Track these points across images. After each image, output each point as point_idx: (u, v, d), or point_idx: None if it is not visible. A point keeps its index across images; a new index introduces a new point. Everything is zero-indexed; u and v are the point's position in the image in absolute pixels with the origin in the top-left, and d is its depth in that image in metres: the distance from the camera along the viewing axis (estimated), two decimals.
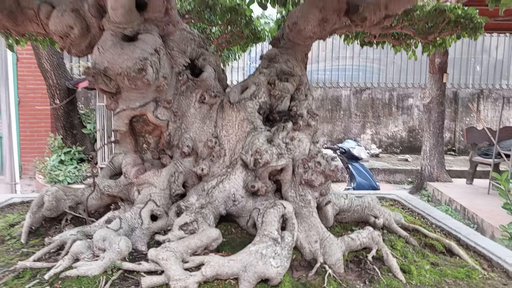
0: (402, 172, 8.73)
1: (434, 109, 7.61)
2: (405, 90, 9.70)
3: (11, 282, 1.20)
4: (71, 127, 7.56)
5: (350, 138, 9.67)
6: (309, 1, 1.58)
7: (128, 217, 1.36)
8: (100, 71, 1.36)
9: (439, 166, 7.79)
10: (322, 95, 9.63)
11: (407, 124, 9.75)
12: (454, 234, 1.60)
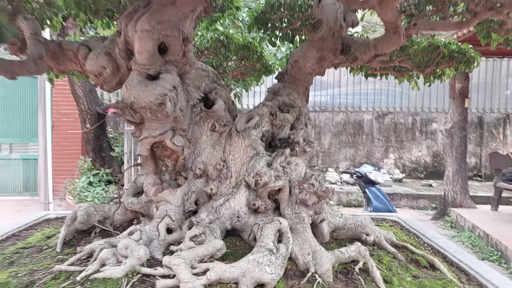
0: (425, 198, 8.70)
1: (456, 134, 7.65)
2: (429, 114, 9.75)
3: (49, 282, 1.46)
4: (100, 150, 7.98)
5: (373, 162, 9.74)
6: (308, 42, 1.83)
7: (147, 230, 1.60)
8: (127, 105, 1.63)
9: (463, 191, 7.76)
10: (344, 119, 9.79)
11: (431, 149, 9.75)
12: (442, 252, 1.76)
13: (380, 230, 1.77)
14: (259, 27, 2.27)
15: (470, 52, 2.23)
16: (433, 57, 2.20)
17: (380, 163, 9.80)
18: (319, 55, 1.80)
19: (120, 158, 8.10)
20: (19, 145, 9.05)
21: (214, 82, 1.90)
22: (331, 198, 1.79)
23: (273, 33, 2.29)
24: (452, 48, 2.20)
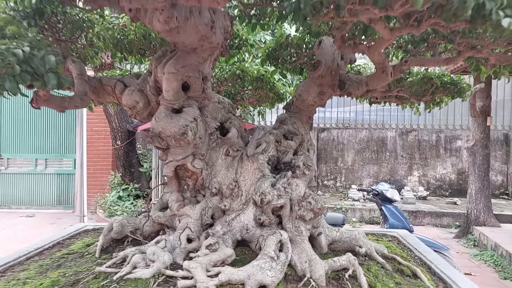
0: (449, 216, 8.76)
1: (479, 152, 7.74)
2: (453, 131, 9.83)
3: (91, 281, 1.81)
4: (130, 165, 8.48)
5: (397, 179, 9.85)
6: (310, 78, 2.15)
7: (171, 239, 1.94)
8: (156, 134, 1.99)
9: (486, 210, 7.81)
10: (368, 136, 9.97)
11: (456, 166, 9.81)
12: (429, 263, 2.02)
13: (371, 243, 2.05)
14: (271, 61, 2.62)
15: (462, 83, 2.49)
16: (427, 88, 2.48)
17: (404, 180, 9.92)
18: (319, 90, 2.12)
19: (148, 174, 8.57)
20: (53, 161, 9.68)
21: (229, 113, 2.25)
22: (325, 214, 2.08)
23: (283, 67, 2.64)
24: (445, 79, 2.47)
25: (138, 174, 8.46)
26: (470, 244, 7.44)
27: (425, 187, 9.69)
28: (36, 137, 9.52)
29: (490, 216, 7.60)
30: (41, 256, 2.23)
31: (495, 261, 6.49)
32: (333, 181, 9.75)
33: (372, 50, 1.90)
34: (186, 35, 1.85)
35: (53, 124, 9.54)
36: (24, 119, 9.52)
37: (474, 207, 7.67)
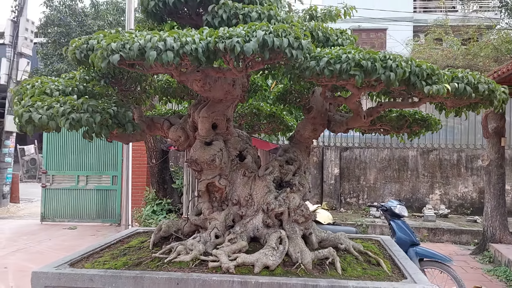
0: (468, 233, 9.30)
1: (494, 172, 8.34)
2: (474, 151, 10.39)
3: (150, 262, 2.71)
4: (163, 182, 9.50)
5: (419, 197, 10.45)
6: (305, 118, 3.03)
7: (204, 236, 2.83)
8: (194, 160, 2.91)
9: (502, 227, 8.35)
10: (389, 156, 10.66)
11: (477, 185, 10.33)
12: (393, 258, 2.82)
13: (350, 241, 2.87)
14: (280, 102, 3.52)
15: (430, 120, 3.29)
16: (403, 123, 3.29)
17: (425, 199, 10.51)
18: (313, 127, 2.99)
19: (180, 190, 9.56)
20: (93, 177, 10.85)
21: (246, 143, 3.15)
22: (313, 219, 2.87)
23: (290, 106, 3.53)
24: (416, 116, 3.28)
25: (170, 190, 9.48)
26: (486, 261, 8.00)
27: (446, 205, 10.25)
28: (78, 156, 10.73)
29: (506, 234, 8.13)
30: (110, 248, 3.17)
31: (507, 276, 7.06)
32: (355, 199, 10.47)
33: (348, 101, 2.77)
34: (215, 92, 2.77)
35: (93, 144, 10.73)
36: (67, 140, 10.77)
37: (490, 225, 8.23)
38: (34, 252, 8.60)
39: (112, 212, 10.67)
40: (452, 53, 12.76)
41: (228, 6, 2.54)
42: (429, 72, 2.32)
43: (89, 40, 2.41)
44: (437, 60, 12.79)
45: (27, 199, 14.16)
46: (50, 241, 9.45)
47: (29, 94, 2.63)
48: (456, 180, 10.31)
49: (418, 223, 9.33)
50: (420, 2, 20.10)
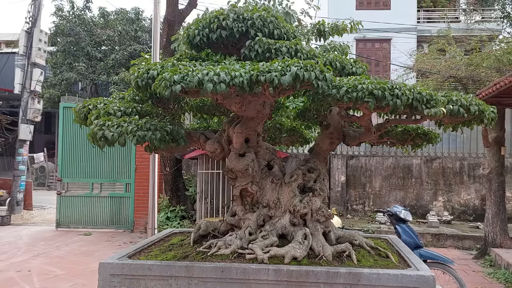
0: (471, 239, 9.88)
1: (494, 179, 8.95)
2: (476, 159, 10.99)
3: (195, 255, 3.31)
4: (177, 189, 10.11)
5: (422, 204, 11.03)
6: (323, 133, 3.64)
7: (239, 233, 3.43)
8: (230, 169, 3.52)
9: (502, 233, 8.94)
10: (394, 164, 11.27)
11: (479, 192, 10.91)
12: (399, 252, 3.42)
13: (363, 238, 3.47)
14: (300, 118, 4.13)
15: (431, 134, 3.90)
16: (407, 137, 3.90)
17: (429, 205, 11.09)
18: (330, 141, 3.61)
19: (193, 197, 10.16)
20: (107, 185, 11.46)
21: (273, 155, 3.76)
22: (332, 218, 3.46)
23: (308, 121, 4.15)
24: (419, 131, 3.89)
25: (184, 197, 10.08)
26: (487, 264, 8.58)
27: (449, 212, 10.84)
28: (92, 164, 11.35)
29: (506, 239, 8.71)
30: (155, 245, 3.77)
31: (507, 278, 7.64)
32: (361, 206, 11.07)
33: (360, 119, 3.38)
34: (248, 111, 3.38)
35: (107, 153, 11.34)
36: (81, 149, 11.39)
37: (491, 230, 8.81)
38: (54, 257, 9.19)
39: (125, 219, 11.27)
40: (455, 64, 13.41)
41: (262, 42, 3.17)
42: (428, 98, 2.94)
43: (149, 70, 3.04)
44: (440, 70, 13.44)
45: (40, 206, 14.77)
46: (68, 246, 10.05)
47: (94, 114, 3.25)
48: (459, 188, 10.91)
49: (422, 229, 9.92)
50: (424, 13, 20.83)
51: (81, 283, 7.51)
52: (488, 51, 13.80)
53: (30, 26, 12.86)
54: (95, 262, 8.73)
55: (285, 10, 9.47)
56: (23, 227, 12.11)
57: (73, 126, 11.28)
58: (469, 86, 13.31)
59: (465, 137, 11.10)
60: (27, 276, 7.91)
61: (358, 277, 2.89)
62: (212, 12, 3.32)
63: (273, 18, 3.35)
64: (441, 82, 13.50)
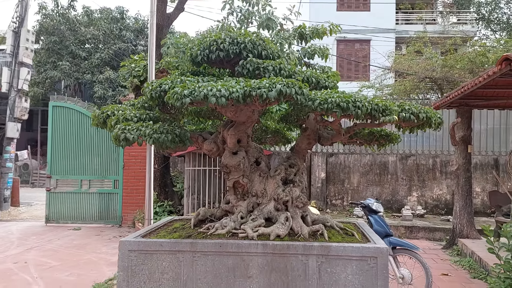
0: (441, 231, 10.99)
1: (462, 175, 10.03)
2: (448, 156, 12.11)
3: (197, 235, 4.20)
4: (165, 185, 10.94)
5: (398, 199, 12.09)
6: (301, 135, 4.56)
7: (233, 217, 4.34)
8: (224, 165, 4.41)
9: (469, 224, 10.04)
10: (371, 161, 12.30)
11: (450, 188, 12.04)
12: (363, 232, 4.37)
13: (334, 221, 4.41)
14: (283, 122, 5.05)
15: (393, 136, 4.86)
16: (372, 138, 4.84)
17: (404, 200, 12.17)
18: (308, 141, 4.53)
19: (180, 193, 11.01)
20: (96, 182, 12.22)
21: (260, 153, 4.66)
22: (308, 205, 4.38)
23: (290, 124, 5.07)
24: (382, 133, 4.84)
25: (171, 193, 10.92)
26: (454, 253, 9.67)
27: (423, 206, 11.94)
28: (81, 161, 12.08)
29: (472, 230, 9.81)
30: (161, 229, 4.65)
31: (470, 265, 8.72)
32: (340, 201, 12.08)
33: (332, 124, 4.31)
34: (240, 117, 4.27)
35: (96, 150, 12.10)
36: (70, 147, 12.11)
37: (458, 222, 9.90)
38: (47, 250, 9.95)
39: (114, 214, 12.06)
40: (430, 65, 14.52)
41: (253, 62, 4.07)
42: (383, 108, 3.88)
43: (161, 85, 3.91)
44: (417, 71, 14.55)
45: (26, 203, 15.41)
46: (59, 240, 10.80)
47: (114, 119, 4.10)
48: (432, 183, 12.02)
49: (396, 222, 10.98)
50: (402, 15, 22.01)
51: (76, 273, 8.30)
52: (462, 53, 14.95)
53: (17, 26, 13.47)
54: (88, 254, 9.60)
55: (268, 16, 10.37)
56: (12, 223, 12.78)
57: (62, 125, 12.01)
58: (444, 87, 14.44)
59: (438, 136, 12.20)
60: (24, 267, 8.67)
61: (328, 249, 3.83)
62: (211, 36, 4.20)
63: (261, 41, 4.25)
64: (417, 83, 14.61)
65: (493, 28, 18.76)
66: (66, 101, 12.11)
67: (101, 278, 7.86)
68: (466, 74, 14.10)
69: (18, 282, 7.69)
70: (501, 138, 12.04)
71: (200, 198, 10.43)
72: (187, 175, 10.51)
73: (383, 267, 3.80)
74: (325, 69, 10.34)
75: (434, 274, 7.67)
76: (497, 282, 6.81)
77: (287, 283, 3.87)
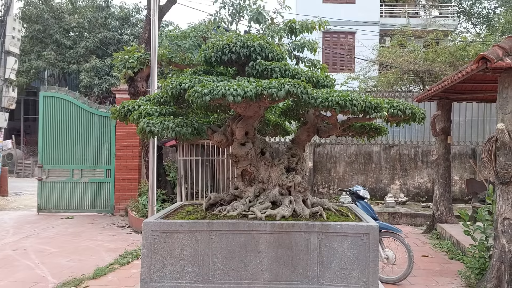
0: (422, 217, 11.92)
1: (441, 164, 10.93)
2: (429, 147, 13.02)
3: (211, 216, 4.88)
4: (158, 175, 11.52)
5: (381, 187, 12.96)
6: (301, 128, 5.26)
7: (242, 201, 5.04)
8: (233, 155, 5.09)
9: (447, 210, 10.96)
10: (356, 151, 13.13)
11: (431, 176, 12.96)
12: (356, 213, 5.12)
13: (330, 204, 5.15)
14: (283, 115, 5.74)
15: (381, 128, 5.60)
16: (363, 130, 5.58)
17: (387, 188, 13.05)
18: (307, 134, 5.24)
19: (173, 182, 11.64)
20: (88, 171, 12.76)
21: (265, 144, 5.36)
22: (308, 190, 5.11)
23: (290, 118, 5.77)
24: (372, 126, 5.58)
25: (164, 182, 11.54)
26: (434, 237, 10.59)
27: (405, 193, 12.86)
28: (73, 151, 12.58)
29: (450, 216, 10.74)
30: (175, 212, 5.31)
31: (448, 248, 9.63)
32: (327, 189, 12.91)
33: (329, 118, 5.03)
34: (248, 111, 4.94)
35: (87, 140, 12.61)
36: (61, 137, 12.59)
37: (438, 208, 10.82)
38: (44, 238, 10.50)
39: (106, 203, 12.64)
40: (413, 58, 15.40)
41: (262, 63, 4.74)
42: (376, 105, 4.60)
43: (180, 84, 4.55)
44: (400, 64, 15.40)
45: (15, 193, 15.80)
46: (54, 228, 11.34)
47: (137, 113, 4.73)
48: (414, 172, 12.94)
49: (380, 208, 11.86)
50: (387, 8, 22.87)
51: (77, 258, 8.91)
52: (443, 46, 15.86)
53: (3, 14, 13.77)
54: (85, 242, 10.21)
55: (258, 10, 11.01)
56: (2, 212, 13.23)
57: (53, 115, 12.46)
58: (426, 80, 15.33)
59: (420, 127, 13.09)
60: (24, 253, 9.24)
61: (327, 227, 4.57)
62: (223, 40, 4.85)
63: (268, 44, 4.92)
64: (400, 75, 15.47)
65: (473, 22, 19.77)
66: (57, 91, 12.55)
67: (101, 263, 8.50)
68: (447, 67, 15.00)
69: (22, 267, 8.26)
70: (478, 129, 13.00)
71: (194, 187, 11.10)
72: (180, 165, 11.14)
73: (374, 242, 4.56)
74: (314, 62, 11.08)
75: (415, 256, 8.54)
76: (472, 261, 7.75)
77: (292, 257, 4.60)
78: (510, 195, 7.18)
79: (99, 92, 17.21)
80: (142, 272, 4.72)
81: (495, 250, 7.36)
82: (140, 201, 11.37)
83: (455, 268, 8.31)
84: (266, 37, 10.80)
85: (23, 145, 21.37)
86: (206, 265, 4.65)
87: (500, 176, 7.16)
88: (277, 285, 4.63)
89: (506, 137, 6.98)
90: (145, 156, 11.48)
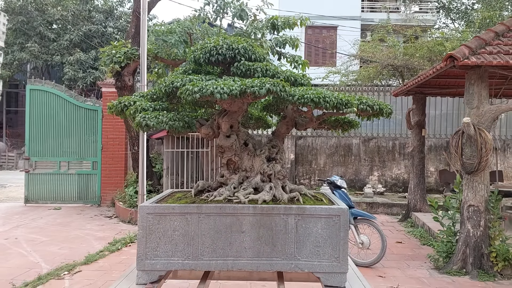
0: (398, 206, 12.79)
1: (416, 156, 11.79)
2: (406, 139, 13.86)
3: (200, 201, 5.58)
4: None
5: (360, 178, 13.78)
6: (281, 121, 5.98)
7: (227, 188, 5.74)
8: (220, 146, 5.79)
9: (421, 200, 11.84)
10: (336, 143, 13.91)
11: (408, 168, 13.82)
12: (330, 199, 5.87)
13: (307, 190, 5.88)
14: (265, 110, 6.46)
15: (354, 122, 6.34)
16: (337, 124, 6.31)
17: (366, 179, 13.88)
18: (286, 127, 5.96)
19: (159, 173, 12.29)
20: (74, 163, 13.34)
21: (248, 136, 6.06)
22: (287, 177, 5.85)
23: (271, 112, 6.48)
24: (345, 120, 6.32)
25: (150, 173, 12.18)
26: (409, 225, 11.45)
27: (383, 184, 13.71)
28: (59, 143, 13.13)
29: (424, 205, 11.61)
30: (166, 198, 5.98)
31: (421, 234, 10.50)
32: (308, 180, 13.68)
33: (306, 113, 5.76)
34: (233, 107, 5.63)
35: (74, 133, 13.16)
36: (48, 129, 13.12)
37: (412, 198, 11.68)
38: (33, 227, 11.10)
39: (93, 194, 13.23)
40: (393, 53, 16.22)
41: (245, 64, 5.44)
42: (346, 102, 5.33)
43: (173, 82, 5.22)
44: (380, 58, 16.21)
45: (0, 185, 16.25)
46: (42, 219, 11.93)
47: (133, 109, 5.39)
48: (391, 164, 13.78)
49: (359, 199, 12.69)
50: (368, 3, 23.69)
51: (67, 246, 9.55)
52: (422, 42, 16.71)
53: None
54: (74, 231, 10.85)
55: (242, 7, 11.68)
56: None
57: (40, 108, 12.98)
58: (405, 74, 16.17)
59: (397, 120, 13.93)
60: (16, 242, 9.84)
61: (303, 210, 5.31)
62: (211, 42, 5.53)
63: (251, 47, 5.62)
64: (380, 70, 16.28)
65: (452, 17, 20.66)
66: (44, 85, 13.07)
67: (92, 250, 9.17)
68: (425, 62, 15.87)
69: (15, 255, 8.87)
70: (453, 123, 13.90)
71: (179, 178, 11.78)
72: (166, 157, 11.80)
73: (344, 223, 5.32)
74: (296, 58, 11.81)
75: (390, 242, 9.39)
76: (441, 246, 8.61)
77: (272, 236, 5.34)
78: (475, 184, 8.05)
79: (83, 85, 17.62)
80: (138, 251, 5.39)
81: (461, 235, 8.25)
82: (127, 192, 12.00)
83: (426, 252, 9.17)
84: (250, 34, 11.50)
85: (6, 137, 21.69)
86: (195, 244, 5.34)
87: (466, 166, 8.02)
88: (258, 261, 5.36)
89: (472, 130, 7.83)
90: (132, 148, 12.10)
